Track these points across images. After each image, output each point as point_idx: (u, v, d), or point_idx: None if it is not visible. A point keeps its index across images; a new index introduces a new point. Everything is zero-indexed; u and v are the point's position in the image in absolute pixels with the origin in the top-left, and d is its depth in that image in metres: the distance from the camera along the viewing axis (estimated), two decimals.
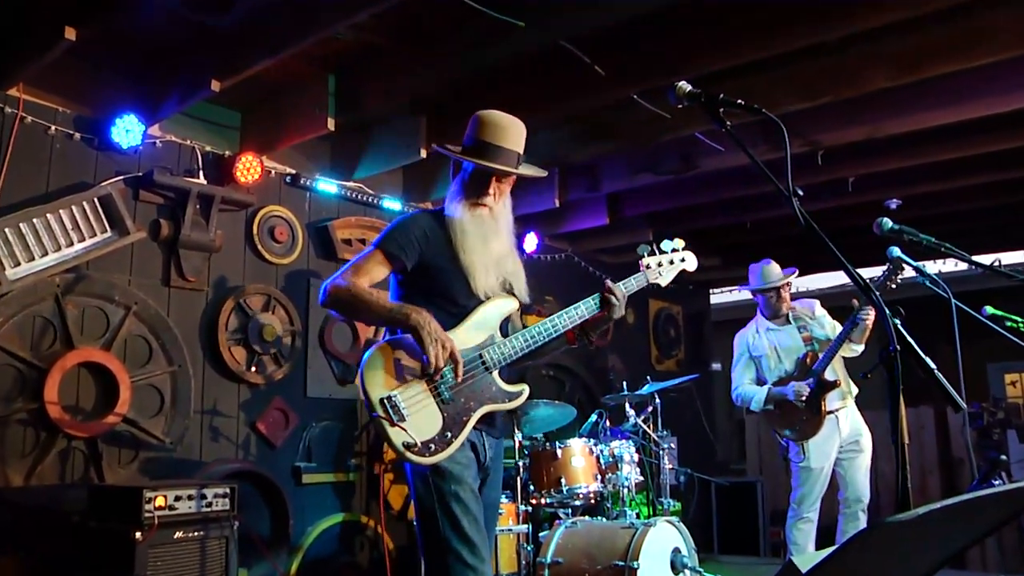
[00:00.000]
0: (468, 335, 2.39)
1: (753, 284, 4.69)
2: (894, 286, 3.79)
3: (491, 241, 2.45)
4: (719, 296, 9.39)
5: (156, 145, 4.29)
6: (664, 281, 2.72)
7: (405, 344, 2.31)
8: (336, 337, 5.03)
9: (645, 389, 5.09)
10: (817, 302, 4.77)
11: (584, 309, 2.53)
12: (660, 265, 2.72)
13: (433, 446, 2.25)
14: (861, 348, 4.39)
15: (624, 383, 5.24)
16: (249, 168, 4.45)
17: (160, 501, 3.34)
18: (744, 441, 8.06)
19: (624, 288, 2.59)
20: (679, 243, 2.76)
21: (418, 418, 2.25)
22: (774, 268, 4.64)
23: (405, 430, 2.22)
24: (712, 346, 8.67)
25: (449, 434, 2.28)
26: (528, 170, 2.52)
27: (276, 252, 4.81)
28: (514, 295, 2.51)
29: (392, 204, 5.32)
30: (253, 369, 4.58)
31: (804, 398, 4.38)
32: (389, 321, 2.32)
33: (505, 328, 2.52)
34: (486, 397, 2.38)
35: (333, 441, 4.95)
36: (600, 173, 5.52)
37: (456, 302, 2.42)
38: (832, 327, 4.63)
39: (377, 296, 2.34)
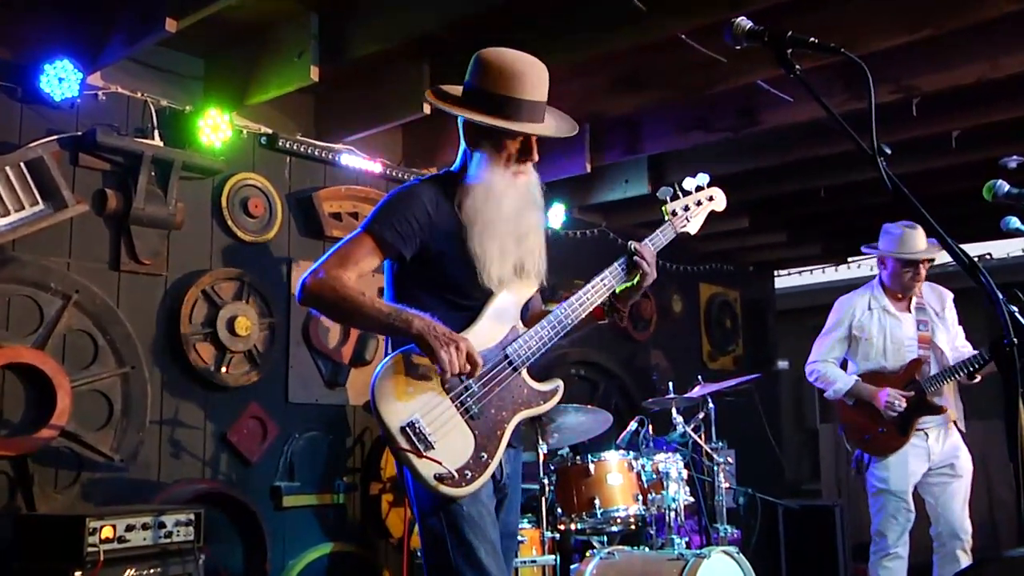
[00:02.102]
0: (487, 331, 2.42)
1: (887, 248, 4.55)
2: None
3: (526, 214, 2.47)
4: (785, 279, 9.37)
5: (98, 98, 4.24)
6: (693, 227, 2.77)
7: (416, 355, 2.33)
8: (324, 331, 5.05)
9: (696, 392, 5.11)
10: (951, 294, 4.68)
11: (611, 278, 2.55)
12: (687, 209, 2.75)
13: (469, 473, 2.29)
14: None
15: (670, 384, 5.26)
16: (215, 127, 4.44)
17: (107, 532, 3.31)
18: (818, 455, 8.01)
19: (652, 245, 2.62)
20: (703, 178, 2.79)
21: (448, 442, 2.29)
22: (919, 235, 4.48)
23: (436, 461, 2.25)
24: (777, 340, 8.63)
25: (484, 455, 2.32)
26: (556, 127, 2.49)
27: (250, 229, 4.81)
28: (530, 277, 2.53)
29: (390, 170, 5.33)
30: (223, 370, 4.59)
31: (896, 413, 4.38)
32: (386, 329, 2.34)
33: (524, 316, 2.54)
34: (519, 402, 2.41)
35: (320, 456, 4.95)
36: (641, 131, 5.53)
37: (467, 294, 2.44)
38: (958, 335, 4.58)
39: (370, 298, 2.34)
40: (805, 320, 4.82)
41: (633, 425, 5.03)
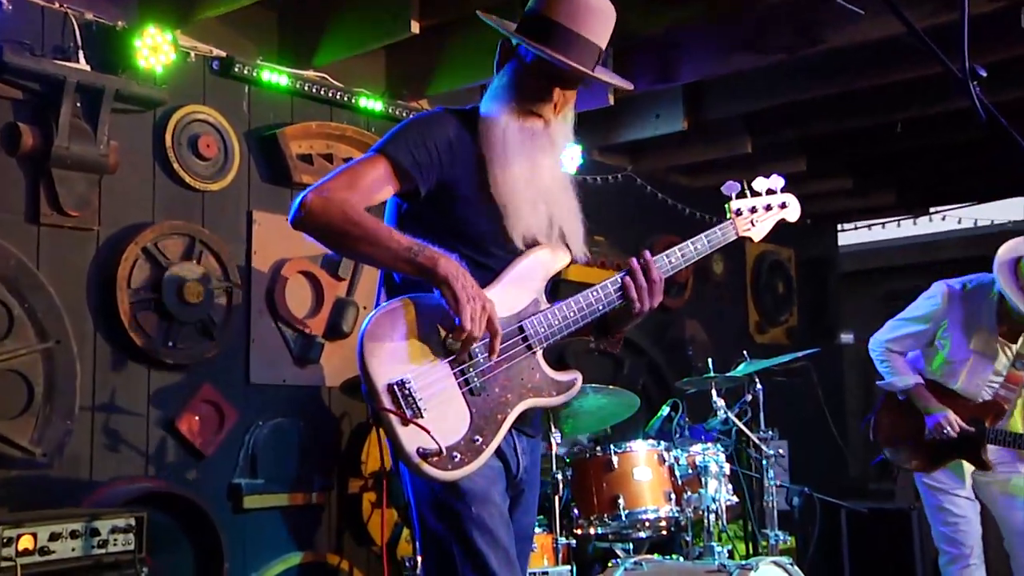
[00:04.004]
0: (505, 297, 2.43)
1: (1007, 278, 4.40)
2: None
3: (540, 167, 2.52)
4: (851, 235, 9.37)
5: (4, 8, 4.15)
6: (758, 234, 2.85)
7: (427, 305, 2.35)
8: (293, 297, 5.01)
9: (740, 370, 5.09)
10: None
11: (602, 296, 2.56)
12: (753, 211, 2.83)
13: (458, 455, 2.29)
14: None
15: (709, 361, 5.14)
16: (155, 48, 4.38)
17: (26, 543, 3.32)
18: None
19: (702, 244, 2.66)
20: (778, 181, 2.87)
21: (439, 414, 2.30)
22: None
23: (424, 429, 2.26)
24: (841, 307, 8.62)
25: (479, 439, 2.33)
26: (609, 76, 2.58)
27: (201, 174, 4.77)
28: (564, 244, 2.58)
29: (371, 103, 5.32)
30: (170, 344, 4.56)
31: (944, 437, 4.42)
32: (404, 266, 2.32)
33: (549, 292, 2.58)
34: (528, 387, 2.44)
35: (289, 447, 4.95)
36: (676, 54, 5.51)
37: (487, 250, 2.47)
38: None
39: (387, 227, 2.39)
40: (875, 284, 4.77)
41: (665, 410, 5.03)
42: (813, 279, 8.53)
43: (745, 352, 5.32)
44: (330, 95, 5.13)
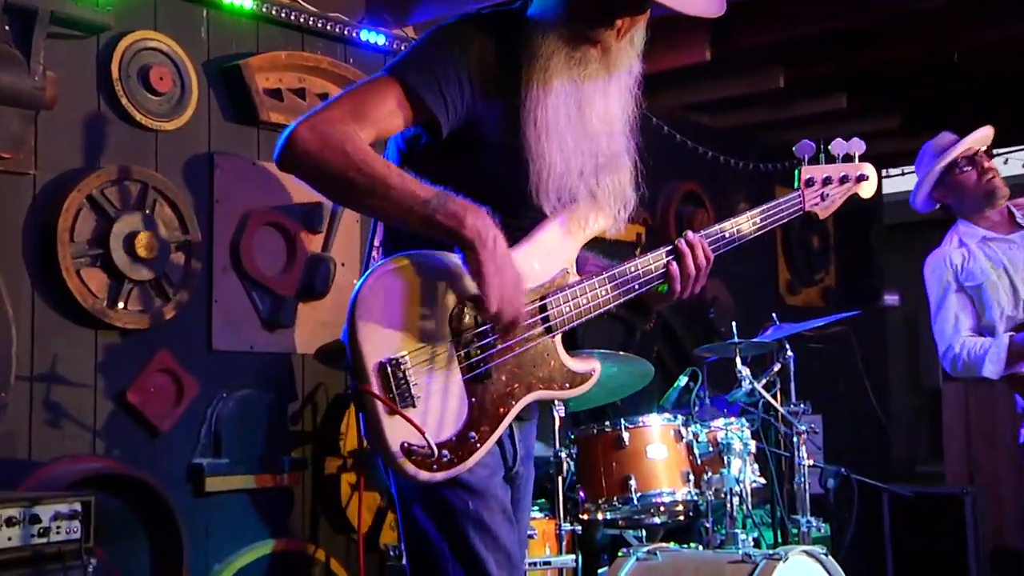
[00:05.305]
0: (527, 267, 2.33)
1: (928, 165, 4.62)
2: None
3: (590, 109, 2.37)
4: (898, 181, 9.33)
5: None
6: (826, 210, 2.82)
7: (435, 266, 2.25)
8: (261, 252, 5.02)
9: (769, 335, 5.12)
10: None
11: (641, 274, 2.50)
12: (827, 183, 2.78)
13: (448, 454, 2.22)
14: None
15: (733, 325, 5.13)
16: None
17: None
18: (940, 425, 8.06)
19: (729, 233, 2.62)
20: (858, 144, 2.80)
21: (434, 403, 2.24)
22: (944, 136, 4.66)
23: (414, 424, 2.18)
24: (884, 265, 8.65)
25: (474, 435, 2.26)
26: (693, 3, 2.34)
27: (153, 111, 4.74)
28: (604, 210, 2.48)
29: (349, 29, 5.32)
30: (120, 305, 4.55)
31: None
32: (420, 221, 2.18)
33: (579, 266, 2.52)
34: (540, 376, 2.37)
35: (257, 422, 4.98)
36: None
37: (514, 209, 2.34)
38: None
39: (398, 171, 2.21)
40: (924, 237, 4.69)
41: (682, 380, 5.07)
42: (853, 232, 8.53)
43: (774, 315, 5.33)
44: (301, 20, 5.11)
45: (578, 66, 2.33)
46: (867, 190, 2.86)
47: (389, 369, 2.18)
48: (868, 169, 2.83)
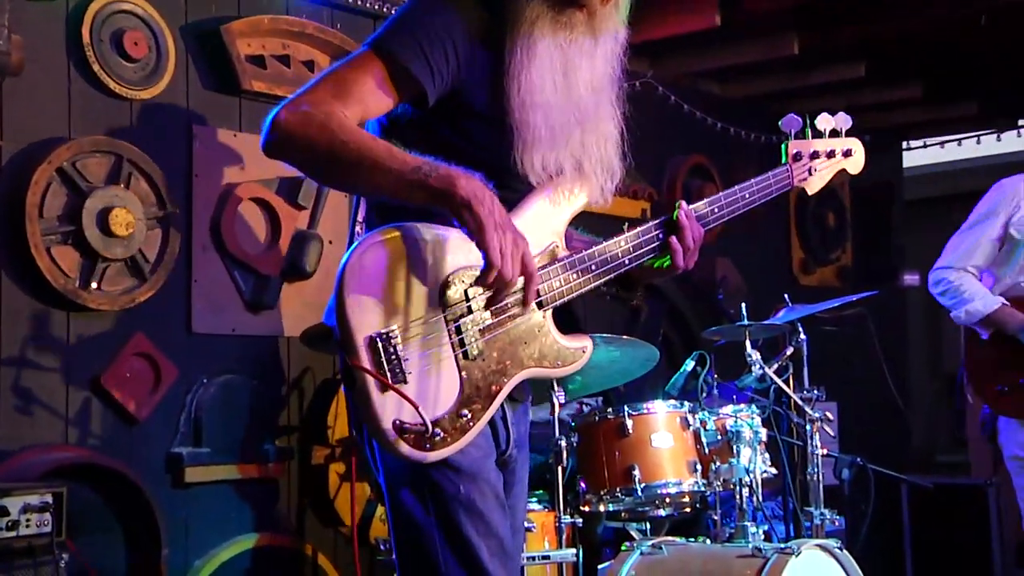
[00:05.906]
0: None
1: None
2: None
3: (575, 76, 2.43)
4: (920, 154, 9.35)
5: None
6: (814, 186, 2.96)
7: (424, 238, 2.29)
8: (243, 229, 5.04)
9: (781, 317, 5.14)
10: None
11: (632, 248, 2.57)
12: (815, 156, 2.91)
13: (441, 433, 2.25)
14: None
15: (743, 307, 5.14)
16: None
17: None
18: (964, 413, 8.06)
19: (719, 208, 2.74)
20: (845, 120, 2.94)
21: (425, 381, 2.27)
22: None
23: (407, 398, 2.20)
24: (904, 243, 8.72)
25: (467, 414, 2.29)
26: None
27: (128, 78, 4.73)
28: (591, 181, 2.53)
29: None
30: (93, 286, 4.54)
31: None
32: (412, 191, 2.22)
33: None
34: (531, 354, 2.41)
35: (240, 409, 4.99)
36: None
37: (500, 178, 2.34)
38: None
39: (385, 144, 2.27)
40: (947, 214, 4.75)
41: (689, 364, 5.06)
42: (871, 208, 8.55)
43: (786, 296, 5.33)
44: None
45: (563, 29, 2.38)
46: (854, 165, 3.01)
47: (380, 344, 2.21)
48: (854, 144, 2.98)
